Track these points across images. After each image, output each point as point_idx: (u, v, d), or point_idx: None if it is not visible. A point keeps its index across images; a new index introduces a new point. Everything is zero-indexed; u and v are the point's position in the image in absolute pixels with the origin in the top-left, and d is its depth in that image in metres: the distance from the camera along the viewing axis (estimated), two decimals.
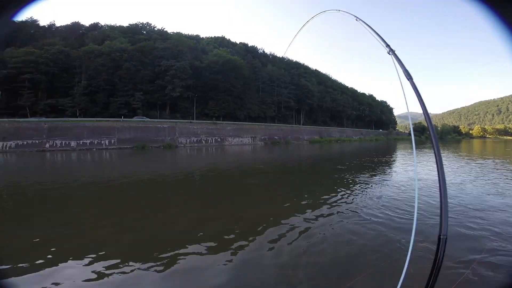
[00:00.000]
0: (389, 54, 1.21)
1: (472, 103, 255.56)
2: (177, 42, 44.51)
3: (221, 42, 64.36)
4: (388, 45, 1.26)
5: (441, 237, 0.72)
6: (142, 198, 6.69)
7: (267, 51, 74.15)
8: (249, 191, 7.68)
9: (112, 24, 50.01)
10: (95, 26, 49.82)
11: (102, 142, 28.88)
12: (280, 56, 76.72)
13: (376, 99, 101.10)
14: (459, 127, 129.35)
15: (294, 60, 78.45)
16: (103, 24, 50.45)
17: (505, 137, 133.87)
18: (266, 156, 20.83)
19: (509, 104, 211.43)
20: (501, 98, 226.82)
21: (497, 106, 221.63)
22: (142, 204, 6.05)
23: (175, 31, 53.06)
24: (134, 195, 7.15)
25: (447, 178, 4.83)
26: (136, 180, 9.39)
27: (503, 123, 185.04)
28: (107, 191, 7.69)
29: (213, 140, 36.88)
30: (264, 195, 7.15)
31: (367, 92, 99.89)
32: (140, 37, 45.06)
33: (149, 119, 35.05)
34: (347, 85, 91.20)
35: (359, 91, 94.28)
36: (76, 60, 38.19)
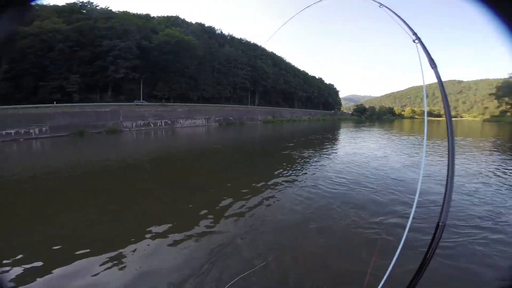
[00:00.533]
0: (415, 42, 1.15)
1: (406, 87, 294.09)
2: (123, 21, 39.87)
3: (174, 21, 59.47)
4: (415, 33, 1.18)
5: (440, 224, 0.71)
6: (78, 190, 6.41)
7: (226, 32, 71.51)
8: (199, 173, 7.97)
9: (44, 4, 41.82)
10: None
11: (31, 131, 25.18)
12: (239, 38, 75.30)
13: (325, 82, 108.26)
14: (393, 109, 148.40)
15: (252, 42, 77.89)
16: (32, 3, 41.23)
17: (429, 118, 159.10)
18: (220, 137, 21.23)
19: (435, 90, 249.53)
20: (429, 85, 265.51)
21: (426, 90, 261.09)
22: (75, 198, 5.90)
23: (122, 10, 46.77)
24: (65, 189, 6.87)
25: (377, 152, 6.58)
26: (69, 172, 8.84)
27: (429, 106, 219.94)
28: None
29: (163, 123, 35.32)
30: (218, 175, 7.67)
31: (317, 75, 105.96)
32: (79, 17, 39.19)
33: (147, 103, 34.92)
34: (299, 68, 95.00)
35: (309, 74, 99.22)
36: None
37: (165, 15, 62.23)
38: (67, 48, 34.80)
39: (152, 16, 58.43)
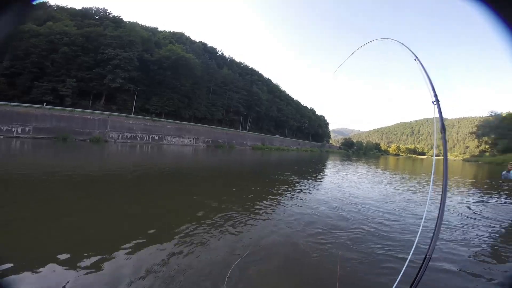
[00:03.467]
0: (433, 103, 1.16)
1: (393, 123, 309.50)
2: (129, 32, 41.28)
3: (179, 38, 62.21)
4: (436, 95, 1.21)
5: (427, 256, 0.78)
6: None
7: (226, 54, 74.96)
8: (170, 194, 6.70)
9: (62, 5, 43.28)
10: (43, 5, 41.88)
11: (13, 129, 24.72)
12: (239, 61, 78.86)
13: (316, 113, 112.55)
14: (379, 145, 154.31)
15: (250, 67, 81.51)
16: (53, 3, 42.77)
17: (413, 155, 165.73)
18: (208, 160, 20.70)
19: (420, 127, 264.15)
20: (415, 121, 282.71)
21: (411, 128, 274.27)
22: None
23: (132, 20, 49.00)
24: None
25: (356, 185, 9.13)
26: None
27: (414, 143, 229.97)
28: None
29: (150, 138, 35.31)
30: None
31: (309, 106, 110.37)
32: (90, 22, 40.54)
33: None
34: (293, 96, 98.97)
35: (302, 104, 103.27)
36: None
37: (172, 31, 65.13)
38: (70, 52, 35.30)
39: (159, 30, 61.03)
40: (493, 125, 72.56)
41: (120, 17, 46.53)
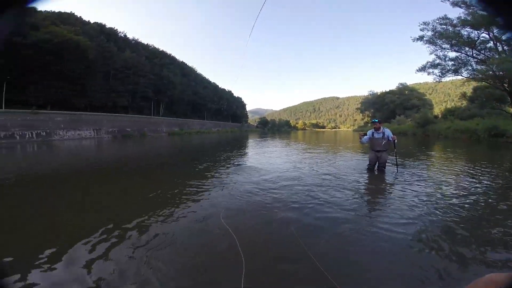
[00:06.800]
0: None
1: (299, 102, 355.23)
2: None
3: (65, 18, 50.82)
4: None
5: None
6: None
7: (130, 36, 66.85)
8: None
9: None
10: None
11: None
12: (146, 43, 71.83)
13: (234, 95, 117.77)
14: (289, 121, 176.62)
15: (161, 49, 76.06)
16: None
17: (317, 129, 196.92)
18: (112, 153, 17.95)
19: (320, 104, 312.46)
20: (316, 100, 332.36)
21: (313, 106, 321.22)
22: None
23: None
24: None
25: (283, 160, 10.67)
26: None
27: (316, 119, 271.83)
28: None
29: (34, 135, 30.54)
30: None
31: (226, 88, 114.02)
32: None
33: None
34: (210, 79, 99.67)
35: (220, 87, 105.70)
36: None
37: (56, 11, 52.81)
38: None
39: (38, 10, 48.40)
40: (372, 102, 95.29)
41: None
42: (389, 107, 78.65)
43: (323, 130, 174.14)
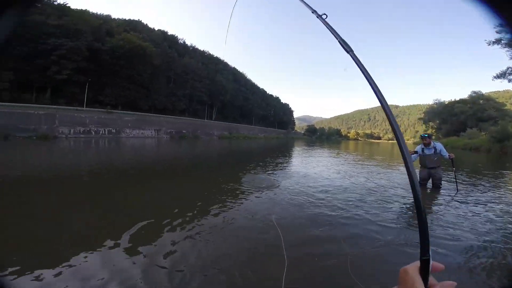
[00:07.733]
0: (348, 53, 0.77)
1: (352, 111, 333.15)
2: (77, 20, 37.14)
3: (134, 26, 57.55)
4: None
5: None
6: None
7: (189, 43, 71.94)
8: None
9: None
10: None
11: None
12: (202, 50, 76.47)
13: (281, 101, 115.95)
14: (340, 130, 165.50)
15: (215, 56, 79.86)
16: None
17: (371, 140, 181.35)
18: (174, 152, 19.62)
19: (376, 113, 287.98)
20: (372, 108, 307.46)
21: (368, 114, 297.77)
22: None
23: (80, 9, 43.52)
24: None
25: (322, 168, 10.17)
26: None
27: (370, 129, 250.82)
28: None
29: (106, 131, 33.48)
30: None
31: (274, 94, 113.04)
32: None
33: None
34: (258, 85, 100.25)
35: (268, 93, 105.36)
36: None
37: (127, 18, 59.97)
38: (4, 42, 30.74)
39: (112, 17, 55.82)
40: (437, 112, 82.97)
41: (67, 5, 41.60)
42: (459, 118, 66.32)
43: (378, 141, 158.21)
